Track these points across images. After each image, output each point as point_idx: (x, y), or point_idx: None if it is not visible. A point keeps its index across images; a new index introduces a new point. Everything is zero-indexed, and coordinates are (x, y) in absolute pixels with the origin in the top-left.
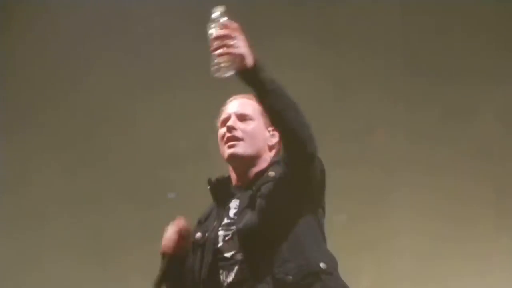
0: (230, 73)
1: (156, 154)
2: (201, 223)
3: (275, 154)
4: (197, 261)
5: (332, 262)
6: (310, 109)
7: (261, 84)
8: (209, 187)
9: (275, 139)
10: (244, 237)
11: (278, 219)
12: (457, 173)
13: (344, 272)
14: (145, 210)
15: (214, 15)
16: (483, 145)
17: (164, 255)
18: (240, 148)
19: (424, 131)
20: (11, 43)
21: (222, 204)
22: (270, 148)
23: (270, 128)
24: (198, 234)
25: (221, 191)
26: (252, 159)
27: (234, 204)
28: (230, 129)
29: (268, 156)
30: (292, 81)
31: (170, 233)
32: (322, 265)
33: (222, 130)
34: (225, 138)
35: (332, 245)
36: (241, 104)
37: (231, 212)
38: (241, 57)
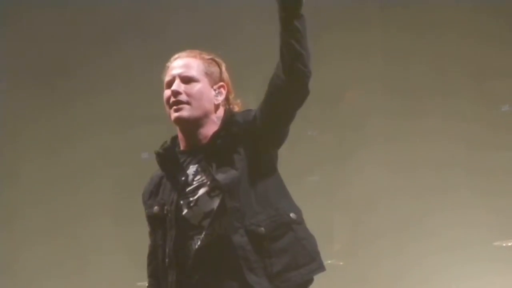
0: None
1: (130, 114)
2: (154, 195)
3: (224, 113)
4: (159, 236)
5: (300, 212)
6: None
7: (298, 5)
8: (157, 160)
9: (221, 97)
10: (228, 191)
11: (248, 175)
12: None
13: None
14: (119, 169)
15: None
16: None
17: None
18: (186, 112)
19: (397, 86)
20: None
21: (175, 174)
22: (216, 107)
23: (215, 87)
24: (156, 208)
25: (170, 161)
26: (199, 121)
27: (191, 170)
28: (175, 93)
29: (214, 117)
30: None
31: None
32: (292, 215)
33: (167, 92)
34: (170, 102)
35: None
36: (185, 65)
37: (190, 179)
38: None
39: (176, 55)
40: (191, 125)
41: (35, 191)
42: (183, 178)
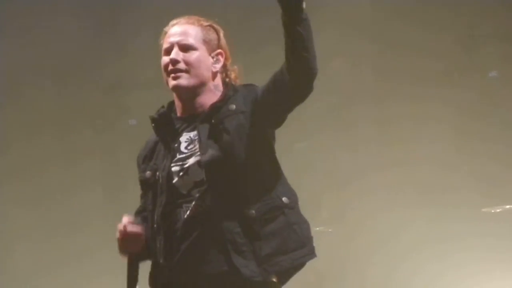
0: None
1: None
2: (147, 160)
3: (223, 83)
4: (150, 201)
5: (294, 197)
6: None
7: (299, 11)
8: (152, 125)
9: (218, 64)
10: (210, 169)
11: (242, 153)
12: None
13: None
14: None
15: None
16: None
17: (127, 255)
18: (184, 80)
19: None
20: None
21: (169, 140)
22: (214, 74)
23: (213, 54)
24: (148, 173)
25: (164, 127)
26: (197, 89)
27: (184, 138)
28: (173, 62)
29: (212, 84)
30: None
31: (127, 233)
32: (284, 199)
33: (166, 59)
34: (168, 69)
35: (293, 173)
36: (183, 32)
37: (183, 146)
38: None
39: (175, 21)
40: (188, 93)
41: (24, 161)
42: (176, 145)
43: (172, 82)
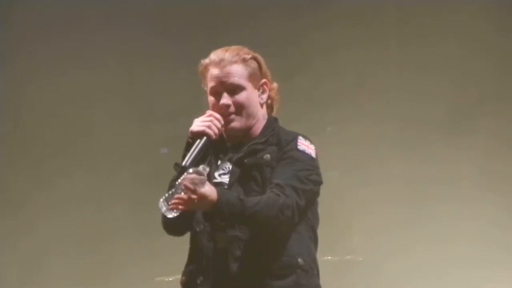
0: (174, 214)
1: (149, 110)
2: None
3: (267, 108)
4: None
5: (311, 261)
6: None
7: (236, 216)
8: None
9: (265, 95)
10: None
11: None
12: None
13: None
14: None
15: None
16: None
17: (199, 136)
18: (237, 123)
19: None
20: None
21: (216, 154)
22: (262, 105)
23: (258, 86)
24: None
25: (216, 148)
26: (249, 127)
27: (223, 166)
28: (224, 108)
29: (261, 114)
30: None
31: (212, 117)
32: (300, 260)
33: (213, 100)
34: (220, 112)
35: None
36: (228, 74)
37: (217, 173)
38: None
39: (216, 57)
40: (242, 132)
41: (53, 186)
42: (215, 165)
43: (226, 126)
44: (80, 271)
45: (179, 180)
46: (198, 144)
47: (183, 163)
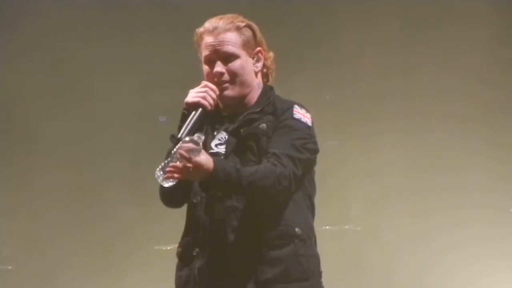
0: (171, 183)
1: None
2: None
3: (262, 75)
4: None
5: (309, 230)
6: None
7: (233, 186)
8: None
9: (259, 63)
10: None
11: None
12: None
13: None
14: (136, 134)
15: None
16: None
17: (194, 107)
18: (230, 91)
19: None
20: None
21: (212, 124)
22: (256, 73)
23: (253, 54)
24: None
25: (213, 113)
26: (243, 95)
27: (219, 136)
28: (218, 75)
29: (255, 83)
30: None
31: (207, 88)
32: (297, 230)
33: (207, 68)
34: (214, 81)
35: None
36: (222, 41)
37: (213, 143)
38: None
39: (210, 26)
40: (235, 100)
41: (53, 154)
42: (211, 136)
43: (220, 93)
44: (79, 242)
45: (174, 149)
46: (194, 115)
47: (179, 135)
